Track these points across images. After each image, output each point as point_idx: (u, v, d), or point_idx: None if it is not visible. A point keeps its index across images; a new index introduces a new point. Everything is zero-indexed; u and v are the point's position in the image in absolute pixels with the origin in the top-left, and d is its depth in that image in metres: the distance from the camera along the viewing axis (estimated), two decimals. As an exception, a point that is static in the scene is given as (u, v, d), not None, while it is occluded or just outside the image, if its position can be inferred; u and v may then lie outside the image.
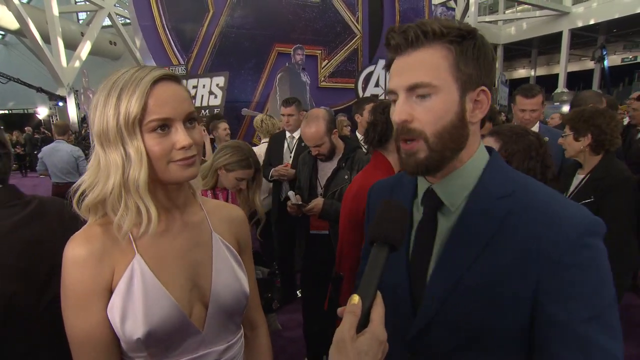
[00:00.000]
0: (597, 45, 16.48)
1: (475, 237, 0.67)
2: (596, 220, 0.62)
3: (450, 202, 0.71)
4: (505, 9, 21.32)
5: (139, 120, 0.70)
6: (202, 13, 6.46)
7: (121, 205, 0.73)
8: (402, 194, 0.82)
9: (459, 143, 0.69)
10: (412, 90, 0.66)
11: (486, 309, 0.65)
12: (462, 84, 0.66)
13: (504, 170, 0.72)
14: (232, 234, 0.93)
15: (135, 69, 0.74)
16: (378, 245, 0.60)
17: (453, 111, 0.66)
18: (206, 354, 0.83)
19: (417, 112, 0.66)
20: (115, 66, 19.23)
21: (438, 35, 0.65)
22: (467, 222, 0.69)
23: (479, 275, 0.65)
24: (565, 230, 0.61)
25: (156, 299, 0.75)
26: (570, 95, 13.47)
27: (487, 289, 0.65)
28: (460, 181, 0.71)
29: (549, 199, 0.66)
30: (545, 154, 1.29)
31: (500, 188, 0.68)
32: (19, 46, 19.82)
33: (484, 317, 0.65)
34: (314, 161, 2.39)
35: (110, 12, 15.51)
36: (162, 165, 0.74)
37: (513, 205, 0.66)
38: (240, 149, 1.82)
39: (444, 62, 0.65)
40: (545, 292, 0.61)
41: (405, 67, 0.67)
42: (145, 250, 0.78)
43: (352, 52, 7.75)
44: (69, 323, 0.74)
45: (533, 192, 0.68)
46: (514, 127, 1.40)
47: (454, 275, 0.67)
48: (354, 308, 0.56)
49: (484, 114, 0.70)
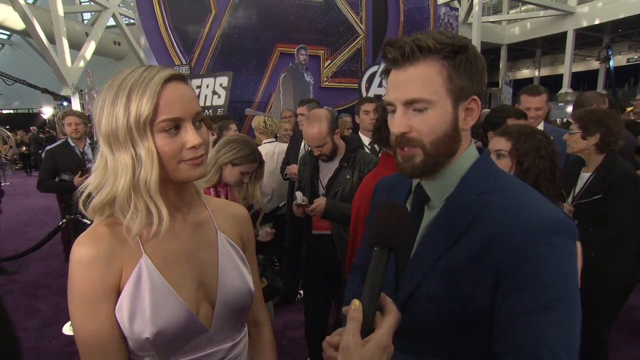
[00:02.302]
0: (602, 45, 16.37)
1: (451, 228, 0.73)
2: (567, 222, 0.66)
3: (435, 197, 0.78)
4: (509, 9, 21.21)
5: (150, 120, 0.70)
6: (204, 13, 6.48)
7: (130, 206, 0.73)
8: (401, 190, 0.90)
9: (452, 149, 0.75)
10: (409, 104, 0.72)
11: (455, 293, 0.70)
12: (455, 95, 0.72)
13: (489, 169, 0.77)
14: (236, 232, 0.94)
15: (143, 69, 0.74)
16: (379, 249, 0.62)
17: (447, 122, 0.73)
18: (213, 353, 0.84)
19: (414, 123, 0.73)
20: (119, 66, 19.34)
21: (433, 50, 0.69)
22: (447, 215, 0.75)
23: (452, 261, 0.71)
24: (530, 223, 0.65)
25: (164, 298, 0.76)
26: (575, 96, 13.39)
27: (457, 274, 0.70)
28: (446, 179, 0.77)
29: (524, 197, 0.71)
30: (554, 152, 1.31)
31: (481, 185, 0.74)
32: (24, 46, 19.96)
33: (453, 300, 0.71)
34: (315, 161, 2.38)
35: (115, 12, 15.56)
36: (173, 165, 0.74)
37: (489, 201, 0.71)
38: (247, 143, 1.80)
39: (439, 77, 0.70)
40: (502, 280, 0.66)
41: (403, 82, 0.72)
42: (152, 250, 0.78)
43: (355, 51, 7.75)
44: (76, 323, 0.74)
45: (512, 190, 0.73)
46: (522, 126, 1.40)
47: (430, 260, 0.74)
48: (355, 314, 0.58)
49: (475, 121, 0.76)
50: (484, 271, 0.67)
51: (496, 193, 0.72)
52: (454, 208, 0.74)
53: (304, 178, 2.44)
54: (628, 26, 17.59)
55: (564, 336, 0.61)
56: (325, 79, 7.45)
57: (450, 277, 0.71)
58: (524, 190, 0.73)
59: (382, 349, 0.56)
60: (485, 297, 0.68)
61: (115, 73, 0.75)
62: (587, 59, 23.12)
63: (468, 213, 0.72)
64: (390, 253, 0.61)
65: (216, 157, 1.78)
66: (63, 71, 12.45)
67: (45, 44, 11.80)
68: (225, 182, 1.85)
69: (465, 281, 0.69)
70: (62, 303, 3.57)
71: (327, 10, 7.32)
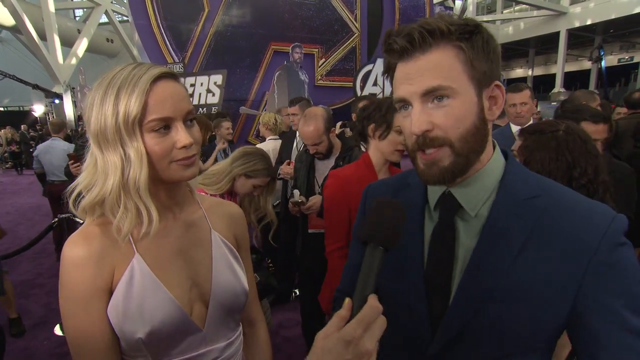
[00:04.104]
0: (594, 45, 16.55)
1: (509, 241, 0.64)
2: (622, 217, 0.62)
3: (470, 206, 0.68)
4: (503, 9, 21.36)
5: (139, 120, 0.69)
6: (197, 12, 6.44)
7: (120, 206, 0.72)
8: (411, 197, 0.77)
9: (482, 144, 0.66)
10: (428, 96, 0.62)
11: (523, 315, 0.62)
12: (478, 82, 0.63)
13: (524, 172, 0.70)
14: (230, 230, 0.93)
15: (132, 67, 0.72)
16: (372, 246, 0.56)
17: (473, 112, 0.63)
18: (207, 352, 0.83)
19: (437, 118, 0.62)
20: (112, 63, 19.14)
21: (446, 33, 0.60)
22: (498, 225, 0.65)
23: (518, 280, 0.62)
24: (602, 230, 0.60)
25: (157, 298, 0.75)
26: (567, 95, 13.55)
27: (526, 292, 0.62)
28: (480, 184, 0.68)
29: (576, 198, 0.66)
30: (581, 153, 1.25)
31: (525, 189, 0.66)
32: (14, 43, 19.67)
33: (520, 324, 0.63)
34: (312, 160, 2.39)
35: (107, 9, 15.43)
36: (163, 165, 0.73)
37: (545, 205, 0.64)
38: (262, 157, 1.83)
39: (457, 62, 0.61)
40: (591, 291, 0.60)
41: (416, 73, 0.62)
42: (144, 249, 0.77)
43: (350, 50, 7.75)
44: (68, 324, 0.73)
45: (558, 192, 0.67)
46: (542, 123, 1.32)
47: (491, 282, 0.64)
48: (342, 312, 0.54)
49: (500, 110, 0.67)
50: (558, 285, 0.61)
51: (546, 196, 0.65)
52: (505, 217, 0.65)
53: (300, 177, 2.45)
54: (619, 27, 17.81)
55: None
56: (320, 78, 7.44)
57: (520, 297, 0.62)
58: (569, 192, 0.67)
59: (345, 342, 0.50)
60: (559, 315, 0.61)
61: (108, 70, 0.73)
62: (580, 59, 23.36)
63: (525, 221, 0.63)
64: (384, 251, 0.57)
65: (231, 167, 1.79)
66: (55, 68, 12.31)
67: (36, 40, 11.66)
68: (235, 192, 1.87)
69: (535, 300, 0.61)
70: (54, 303, 3.53)
71: (321, 8, 7.31)
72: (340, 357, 0.50)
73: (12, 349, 2.85)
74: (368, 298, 0.53)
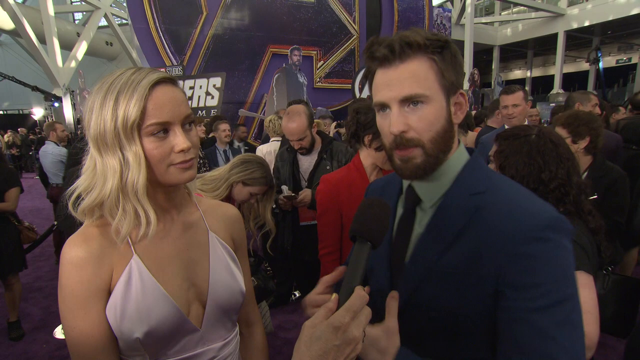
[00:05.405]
0: (592, 46, 16.59)
1: (446, 230, 0.72)
2: (559, 218, 0.66)
3: (427, 198, 0.77)
4: (501, 11, 21.44)
5: (137, 124, 0.70)
6: (195, 15, 6.47)
7: (119, 209, 0.73)
8: (391, 190, 0.89)
9: (449, 145, 0.74)
10: (405, 101, 0.71)
11: (454, 296, 0.70)
12: (447, 90, 0.72)
13: (482, 169, 0.77)
14: (228, 232, 0.94)
15: (132, 71, 0.73)
16: (360, 242, 0.62)
17: (443, 116, 0.72)
18: (204, 352, 0.84)
19: (412, 121, 0.71)
20: (111, 66, 19.18)
21: (422, 46, 0.69)
22: (441, 216, 0.74)
23: (448, 265, 0.71)
24: (524, 222, 0.65)
25: (154, 298, 0.76)
26: (566, 97, 13.59)
27: (454, 277, 0.70)
28: (438, 179, 0.76)
29: (517, 196, 0.71)
30: (556, 157, 1.25)
31: (475, 186, 0.73)
32: (14, 46, 19.71)
33: (451, 304, 0.70)
34: (293, 156, 2.57)
35: (107, 12, 15.45)
36: (162, 169, 0.74)
37: (483, 201, 0.71)
38: (261, 165, 1.84)
39: (431, 72, 0.70)
40: (503, 281, 0.65)
41: (395, 80, 0.71)
42: (142, 251, 0.78)
43: (348, 52, 7.77)
44: (67, 324, 0.74)
45: (505, 189, 0.73)
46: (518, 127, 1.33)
47: (427, 263, 0.73)
48: (330, 304, 0.57)
49: (464, 114, 0.77)
50: (482, 273, 0.67)
51: (489, 193, 0.71)
52: (448, 210, 0.73)
53: (284, 174, 2.59)
54: (617, 28, 17.88)
55: (572, 331, 0.61)
56: (318, 80, 7.46)
57: (448, 280, 0.70)
58: (517, 190, 0.73)
59: (334, 328, 0.53)
60: (485, 300, 0.67)
61: (107, 74, 0.75)
62: (578, 60, 23.43)
63: (462, 215, 0.71)
64: (371, 247, 0.62)
65: (229, 174, 1.80)
66: (54, 71, 12.32)
67: (35, 44, 11.67)
68: (232, 199, 1.88)
69: (463, 284, 0.69)
70: (53, 306, 3.53)
71: (319, 10, 7.33)
72: (329, 342, 0.53)
73: (11, 352, 2.85)
74: (355, 289, 0.57)
